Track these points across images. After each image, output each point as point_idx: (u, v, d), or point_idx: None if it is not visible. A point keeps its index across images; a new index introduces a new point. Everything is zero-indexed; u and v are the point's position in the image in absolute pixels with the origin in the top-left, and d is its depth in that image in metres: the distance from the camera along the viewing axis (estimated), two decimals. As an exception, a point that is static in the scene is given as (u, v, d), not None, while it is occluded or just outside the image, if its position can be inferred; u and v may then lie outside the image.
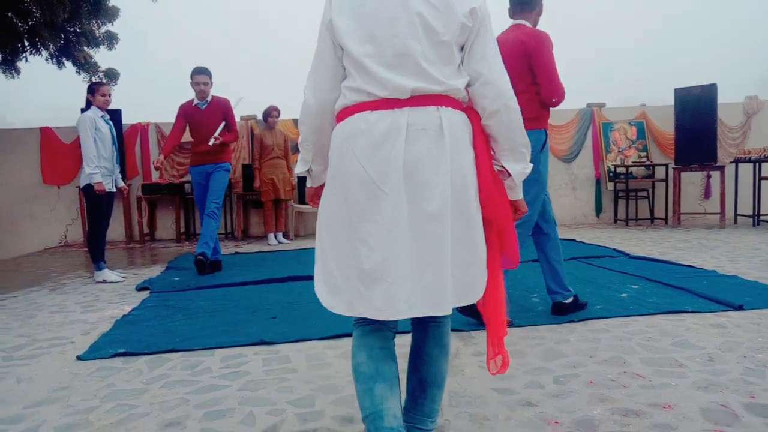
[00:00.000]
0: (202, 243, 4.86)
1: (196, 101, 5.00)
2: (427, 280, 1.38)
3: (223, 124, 4.98)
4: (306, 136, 1.57)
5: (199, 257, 4.77)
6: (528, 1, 3.04)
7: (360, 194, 1.39)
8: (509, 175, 1.52)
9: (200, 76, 4.90)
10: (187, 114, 5.01)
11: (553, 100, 2.93)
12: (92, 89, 4.80)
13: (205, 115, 4.97)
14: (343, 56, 1.46)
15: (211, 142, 4.87)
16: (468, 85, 1.47)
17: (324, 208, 1.51)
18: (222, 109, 5.02)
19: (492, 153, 1.52)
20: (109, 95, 4.87)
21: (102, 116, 4.79)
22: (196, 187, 5.11)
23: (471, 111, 1.49)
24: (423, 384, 1.55)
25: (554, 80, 2.90)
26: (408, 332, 1.67)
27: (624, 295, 3.53)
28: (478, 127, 1.48)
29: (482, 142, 1.48)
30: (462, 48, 1.46)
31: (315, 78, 1.50)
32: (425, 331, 1.56)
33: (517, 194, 1.59)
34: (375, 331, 1.50)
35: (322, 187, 1.62)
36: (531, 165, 1.55)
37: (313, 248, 1.59)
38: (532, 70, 2.93)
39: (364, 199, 1.39)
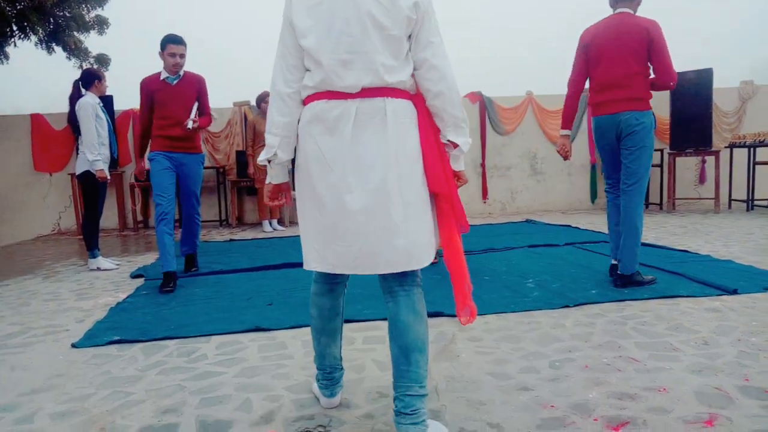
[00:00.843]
0: (187, 243, 4.37)
1: (165, 75, 4.06)
2: (371, 244, 1.58)
3: (196, 105, 4.16)
4: (276, 121, 1.68)
5: (192, 258, 4.45)
6: None
7: (316, 169, 1.61)
8: (455, 147, 1.71)
9: (178, 46, 3.99)
10: (152, 91, 4.06)
11: (671, 84, 3.28)
12: (99, 77, 4.77)
13: (176, 91, 4.07)
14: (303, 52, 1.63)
15: (189, 124, 4.04)
16: (415, 70, 1.64)
17: (297, 182, 1.71)
18: (196, 87, 4.17)
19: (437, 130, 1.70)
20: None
21: (98, 103, 4.74)
22: (160, 172, 4.00)
23: (417, 98, 1.67)
24: (405, 351, 1.64)
25: (672, 66, 3.24)
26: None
27: (619, 280, 3.54)
28: (423, 111, 1.66)
29: (427, 124, 1.66)
30: (409, 37, 1.62)
31: (282, 67, 1.67)
32: (397, 301, 1.68)
33: (461, 165, 1.78)
34: (328, 292, 1.82)
35: (282, 185, 1.81)
36: (470, 139, 1.74)
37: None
38: (649, 55, 3.24)
39: (318, 174, 1.61)
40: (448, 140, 1.69)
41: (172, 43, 3.99)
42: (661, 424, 1.68)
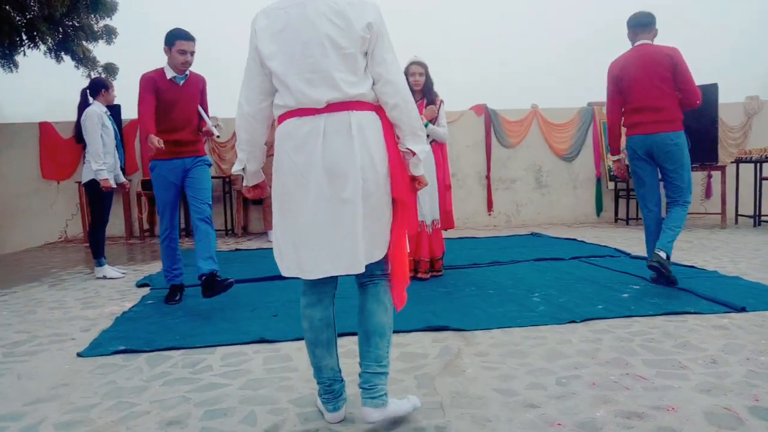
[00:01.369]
0: (207, 257, 3.56)
1: (172, 74, 3.69)
2: (344, 248, 1.74)
3: (199, 107, 3.89)
4: (242, 138, 1.87)
5: (214, 277, 3.50)
6: (649, 23, 3.72)
7: (290, 182, 1.76)
8: (413, 154, 1.84)
9: (188, 42, 3.63)
10: (159, 89, 3.65)
11: (698, 102, 3.63)
12: (106, 85, 4.82)
13: (183, 92, 3.75)
14: (271, 74, 1.78)
15: (215, 131, 3.83)
16: (373, 84, 1.80)
17: (273, 194, 1.85)
18: (200, 88, 3.88)
19: (397, 139, 1.85)
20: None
21: (105, 112, 4.78)
22: (165, 186, 3.74)
23: (380, 109, 1.82)
24: (366, 334, 1.87)
25: (695, 85, 3.62)
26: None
27: (625, 295, 3.53)
28: (386, 121, 1.82)
29: (390, 134, 1.82)
30: (366, 54, 1.78)
31: (247, 89, 1.83)
32: (365, 291, 1.90)
33: (419, 170, 1.90)
34: (317, 303, 1.90)
35: (258, 185, 2.01)
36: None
37: None
38: (674, 78, 3.62)
39: (293, 186, 1.76)
40: (407, 148, 1.84)
41: (182, 39, 3.62)
42: (670, 444, 1.66)
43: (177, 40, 3.60)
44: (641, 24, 3.74)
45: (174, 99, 3.72)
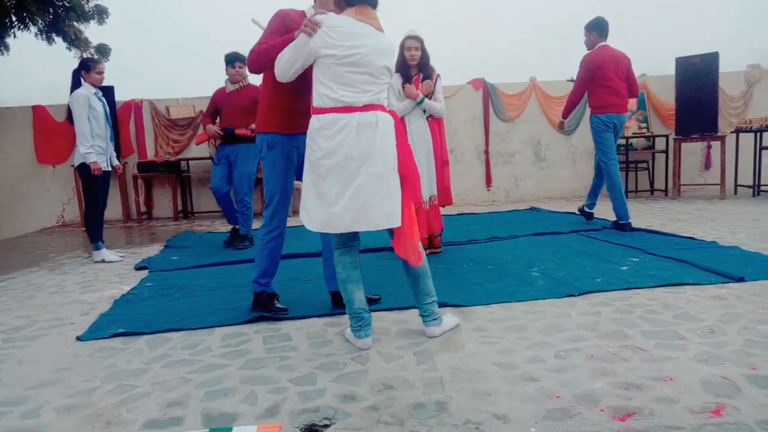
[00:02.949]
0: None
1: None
2: (366, 210, 2.33)
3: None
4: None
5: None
6: (608, 29, 4.97)
7: (327, 162, 2.33)
8: None
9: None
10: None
11: (638, 94, 5.20)
12: (87, 66, 4.68)
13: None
14: (326, 70, 2.34)
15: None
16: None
17: (307, 171, 2.43)
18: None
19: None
20: (103, 73, 4.77)
21: (95, 93, 4.70)
22: (285, 168, 2.89)
23: (393, 113, 2.48)
24: (416, 277, 2.49)
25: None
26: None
27: (624, 268, 3.53)
28: (397, 122, 2.46)
29: (401, 131, 2.49)
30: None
31: (287, 66, 2.47)
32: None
33: None
34: (347, 252, 2.50)
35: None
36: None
37: None
38: (627, 75, 4.97)
39: (329, 164, 2.33)
40: None
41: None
42: (669, 414, 1.67)
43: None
44: (605, 30, 4.95)
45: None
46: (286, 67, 2.45)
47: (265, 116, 2.85)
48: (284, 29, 2.69)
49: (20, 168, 7.95)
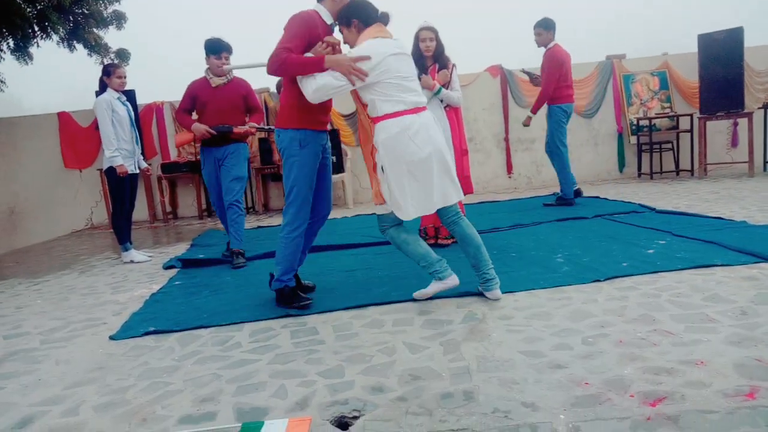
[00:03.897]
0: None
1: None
2: (445, 189, 2.81)
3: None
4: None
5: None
6: (556, 26, 5.65)
7: (418, 157, 2.70)
8: None
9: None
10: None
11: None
12: (108, 71, 4.78)
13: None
14: (382, 88, 2.70)
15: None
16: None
17: (398, 171, 2.71)
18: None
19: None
20: (125, 77, 4.84)
21: (118, 98, 4.78)
22: (314, 165, 2.99)
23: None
24: (477, 248, 2.84)
25: None
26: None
27: (651, 251, 3.47)
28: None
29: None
30: None
31: (325, 97, 2.76)
32: (460, 224, 2.88)
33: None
34: (399, 227, 2.91)
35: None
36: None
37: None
38: None
39: (421, 158, 2.70)
40: None
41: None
42: (700, 398, 1.65)
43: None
44: (555, 29, 5.56)
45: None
46: (323, 98, 2.73)
47: (294, 114, 2.86)
48: (308, 37, 2.73)
49: (48, 174, 8.15)
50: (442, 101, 4.20)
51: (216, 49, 4.23)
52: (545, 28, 5.56)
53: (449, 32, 4.32)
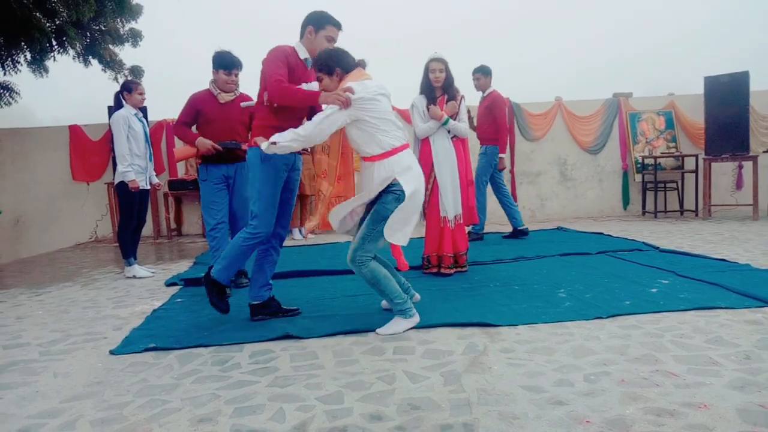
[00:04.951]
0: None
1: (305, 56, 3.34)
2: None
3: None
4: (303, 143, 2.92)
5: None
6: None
7: (418, 189, 2.94)
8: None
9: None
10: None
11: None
12: (129, 88, 4.88)
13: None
14: (383, 118, 2.89)
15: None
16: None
17: (412, 197, 2.89)
18: None
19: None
20: (144, 94, 4.93)
21: (135, 114, 4.86)
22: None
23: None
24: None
25: None
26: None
27: (654, 290, 3.47)
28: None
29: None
30: None
31: (323, 136, 2.92)
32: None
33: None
34: (378, 261, 3.03)
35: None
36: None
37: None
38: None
39: (418, 190, 2.94)
40: None
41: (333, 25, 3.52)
42: (702, 442, 1.63)
43: (328, 24, 3.20)
44: (492, 75, 5.98)
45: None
46: (322, 137, 2.91)
47: (266, 133, 3.02)
48: (288, 66, 3.07)
49: (56, 185, 8.22)
50: (449, 132, 4.25)
51: (228, 64, 4.01)
52: (484, 74, 5.92)
53: (457, 64, 4.39)
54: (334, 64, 2.93)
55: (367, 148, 2.92)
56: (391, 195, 2.88)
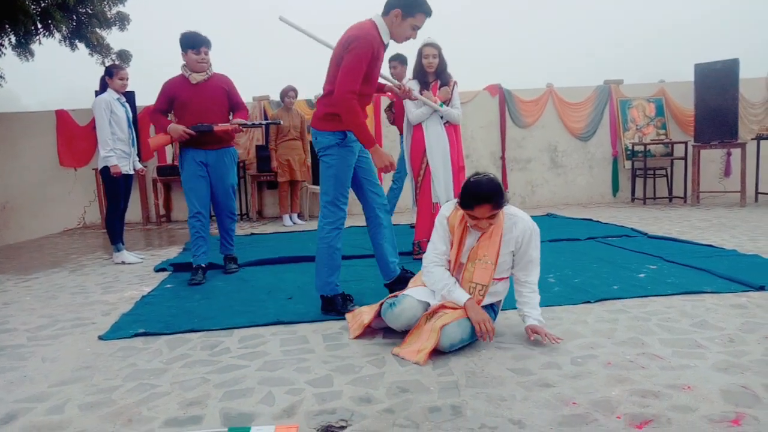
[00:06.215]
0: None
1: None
2: None
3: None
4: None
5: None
6: None
7: None
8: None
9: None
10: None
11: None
12: (110, 72, 4.80)
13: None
14: None
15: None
16: None
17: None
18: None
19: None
20: (127, 79, 4.87)
21: (118, 99, 4.80)
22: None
23: None
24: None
25: None
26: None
27: (642, 275, 3.50)
28: None
29: None
30: None
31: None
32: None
33: None
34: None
35: None
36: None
37: None
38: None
39: None
40: None
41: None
42: (686, 422, 1.66)
43: (419, 12, 3.00)
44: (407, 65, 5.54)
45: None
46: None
47: (335, 117, 2.90)
48: (372, 56, 2.83)
49: (43, 171, 8.12)
50: (442, 117, 4.24)
51: (194, 43, 3.89)
52: (401, 63, 5.58)
53: (450, 49, 4.38)
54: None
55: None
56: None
